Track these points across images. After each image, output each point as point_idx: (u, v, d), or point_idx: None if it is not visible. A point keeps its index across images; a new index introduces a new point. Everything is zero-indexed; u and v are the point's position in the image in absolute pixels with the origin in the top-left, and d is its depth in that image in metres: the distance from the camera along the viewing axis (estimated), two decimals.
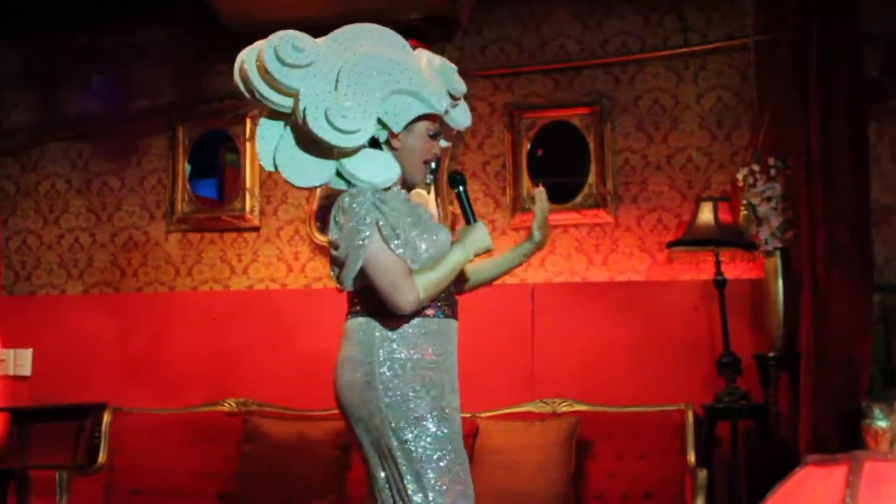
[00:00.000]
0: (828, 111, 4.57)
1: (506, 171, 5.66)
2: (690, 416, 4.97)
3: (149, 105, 6.29)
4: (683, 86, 5.55)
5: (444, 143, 3.23)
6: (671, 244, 5.20)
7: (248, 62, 3.02)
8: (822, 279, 4.51)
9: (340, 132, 2.87)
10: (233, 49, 6.13)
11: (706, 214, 5.08)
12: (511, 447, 4.97)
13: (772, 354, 4.99)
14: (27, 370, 6.14)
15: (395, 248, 2.88)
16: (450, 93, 3.09)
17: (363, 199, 2.88)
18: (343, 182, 3.00)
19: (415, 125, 3.02)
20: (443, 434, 2.89)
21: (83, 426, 5.74)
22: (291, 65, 2.93)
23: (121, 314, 6.10)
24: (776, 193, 5.01)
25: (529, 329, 5.47)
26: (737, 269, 5.27)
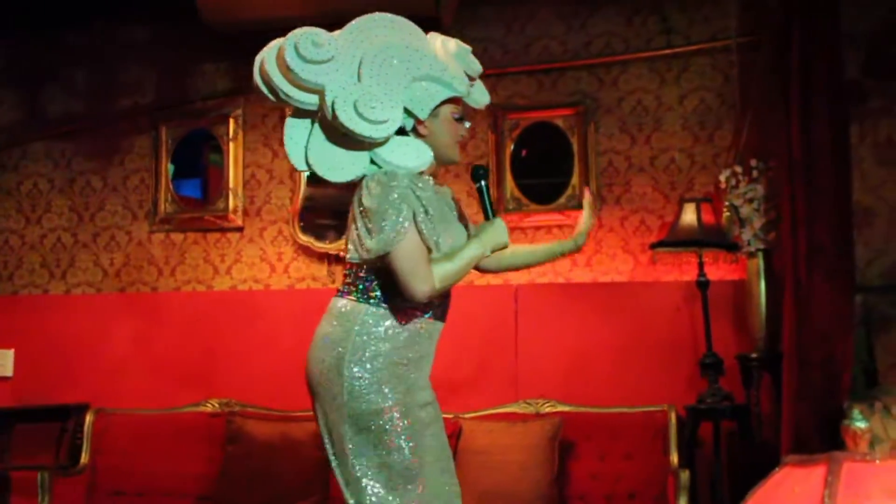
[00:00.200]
0: (809, 113, 4.59)
1: (489, 172, 5.67)
2: (673, 417, 4.98)
3: (132, 104, 6.27)
4: (666, 87, 5.57)
5: (466, 124, 3.26)
6: (654, 245, 5.21)
7: (269, 62, 3.00)
8: (804, 280, 4.52)
9: (371, 123, 2.88)
10: (216, 48, 6.10)
11: (689, 216, 5.09)
12: (494, 448, 4.97)
13: (754, 355, 5.00)
14: (9, 370, 6.11)
15: (424, 236, 2.89)
16: (468, 74, 3.11)
17: (400, 183, 2.89)
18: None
19: (439, 110, 3.05)
20: (404, 427, 2.90)
21: (65, 427, 5.73)
22: (313, 60, 2.93)
23: (103, 314, 6.08)
24: (758, 195, 5.03)
25: (513, 330, 5.47)
26: (719, 271, 5.29)
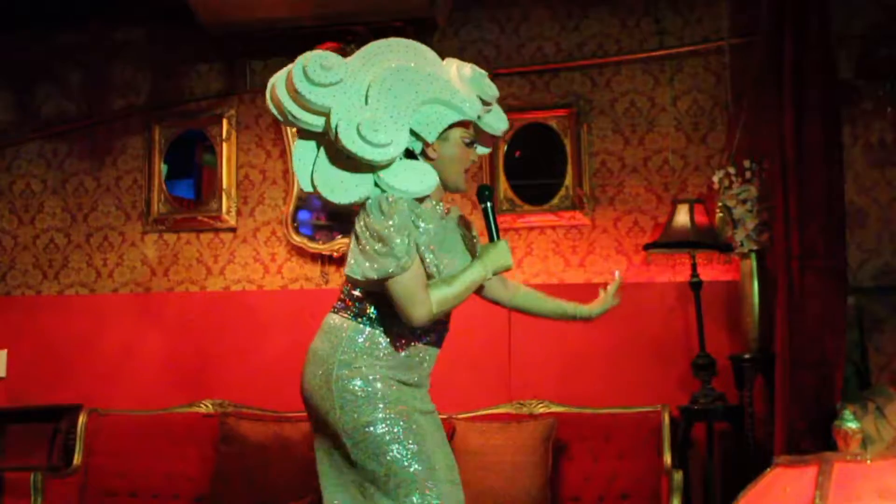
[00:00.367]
0: (802, 114, 4.59)
1: (482, 173, 5.66)
2: (666, 418, 4.99)
3: (125, 105, 6.26)
4: (659, 88, 5.58)
5: (484, 150, 3.29)
6: (647, 246, 5.23)
7: (279, 86, 3.02)
8: (797, 281, 4.53)
9: (372, 146, 2.88)
10: (210, 49, 6.09)
11: (682, 216, 5.10)
12: (488, 448, 4.98)
13: (747, 356, 5.01)
14: (2, 371, 6.11)
15: (423, 263, 2.92)
16: (483, 99, 3.10)
17: (401, 210, 2.90)
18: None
19: (449, 134, 3.05)
20: (400, 434, 2.91)
21: (58, 427, 5.71)
22: (321, 83, 2.94)
23: (97, 315, 6.07)
24: (751, 196, 5.03)
25: (506, 330, 5.47)
26: (713, 271, 5.30)
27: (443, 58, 3.20)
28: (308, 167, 3.06)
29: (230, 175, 6.00)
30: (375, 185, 2.98)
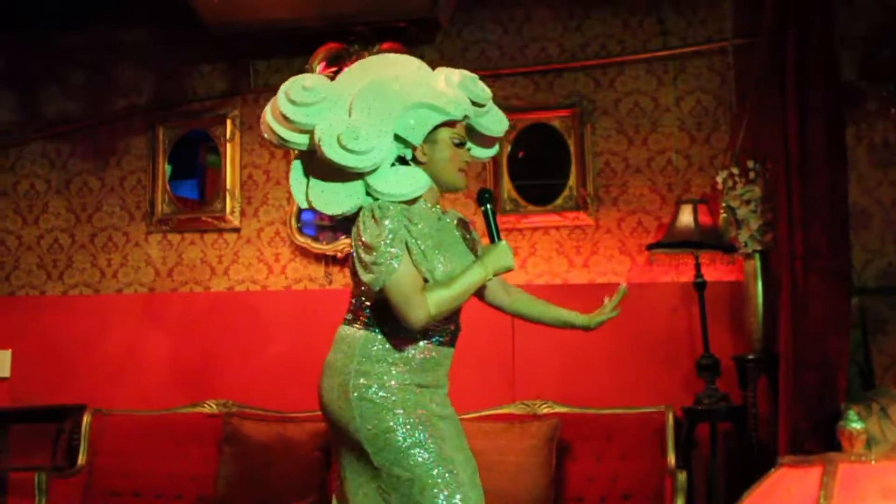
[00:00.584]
0: (805, 115, 4.59)
1: (486, 174, 5.66)
2: (670, 418, 4.97)
3: (129, 105, 6.27)
4: (663, 88, 5.58)
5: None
6: (651, 246, 5.23)
7: (267, 113, 3.10)
8: (801, 282, 4.53)
9: (354, 154, 2.91)
10: (213, 50, 6.10)
11: (686, 217, 5.10)
12: (491, 449, 4.96)
13: (751, 356, 5.01)
14: (6, 371, 6.11)
15: (416, 265, 2.92)
16: (475, 101, 3.12)
17: (392, 216, 2.92)
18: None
19: (437, 136, 3.07)
20: (421, 438, 2.91)
21: (63, 428, 5.72)
22: (304, 103, 3.00)
23: (101, 315, 6.08)
24: (755, 196, 5.03)
25: (510, 331, 5.46)
26: (716, 272, 5.29)
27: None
28: (303, 185, 3.11)
29: (234, 175, 6.01)
30: (367, 195, 3.02)
